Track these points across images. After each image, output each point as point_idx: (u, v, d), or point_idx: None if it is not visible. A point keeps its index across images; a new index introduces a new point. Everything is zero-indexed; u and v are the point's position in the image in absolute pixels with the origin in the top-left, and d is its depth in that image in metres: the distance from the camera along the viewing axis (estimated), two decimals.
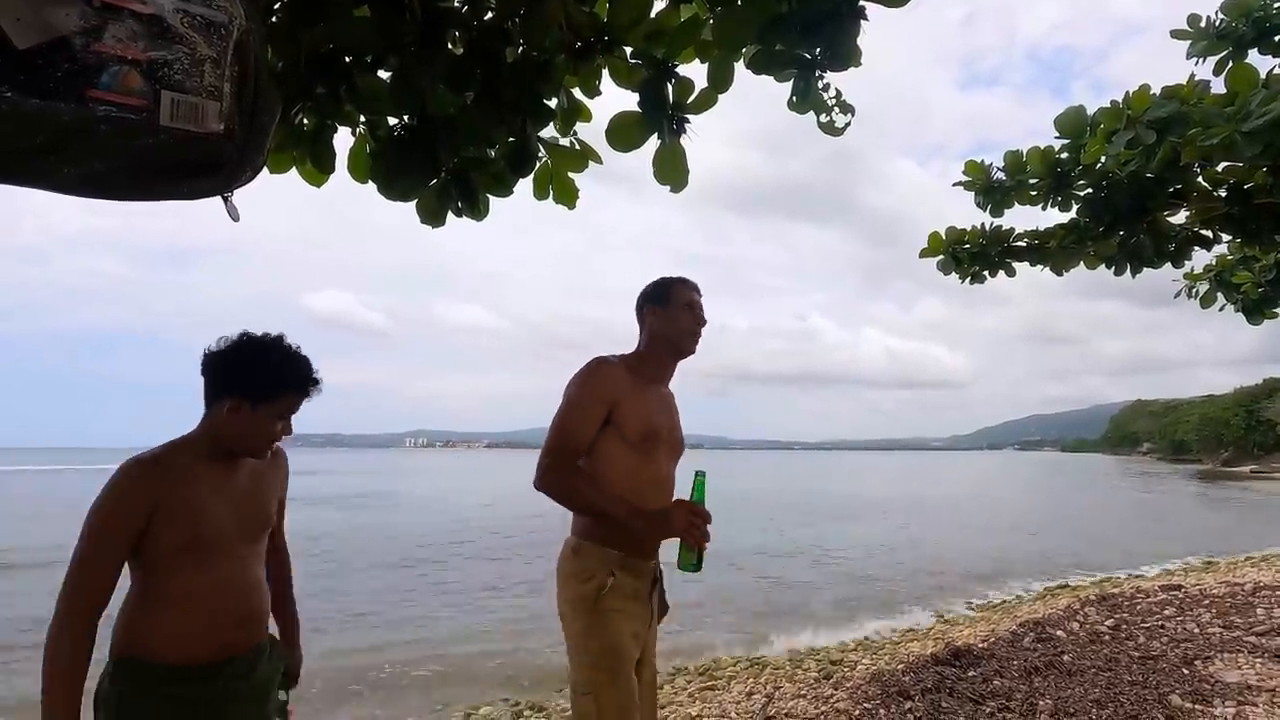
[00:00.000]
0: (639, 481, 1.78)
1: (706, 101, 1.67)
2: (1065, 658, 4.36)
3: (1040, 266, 4.19)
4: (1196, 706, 3.48)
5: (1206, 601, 6.02)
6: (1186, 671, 4.03)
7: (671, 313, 1.90)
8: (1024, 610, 6.54)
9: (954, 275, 4.34)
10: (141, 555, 1.36)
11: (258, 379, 1.40)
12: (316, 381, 1.48)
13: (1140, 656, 4.37)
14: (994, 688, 3.81)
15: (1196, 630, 5.04)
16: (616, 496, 1.71)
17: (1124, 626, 5.23)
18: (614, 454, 1.79)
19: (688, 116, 1.69)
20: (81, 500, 1.39)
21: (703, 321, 1.95)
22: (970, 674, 4.07)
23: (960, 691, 3.73)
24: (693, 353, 1.96)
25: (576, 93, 1.84)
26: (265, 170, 1.78)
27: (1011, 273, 4.27)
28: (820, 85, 1.60)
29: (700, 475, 1.63)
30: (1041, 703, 3.56)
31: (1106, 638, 4.91)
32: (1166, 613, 5.68)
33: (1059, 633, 5.07)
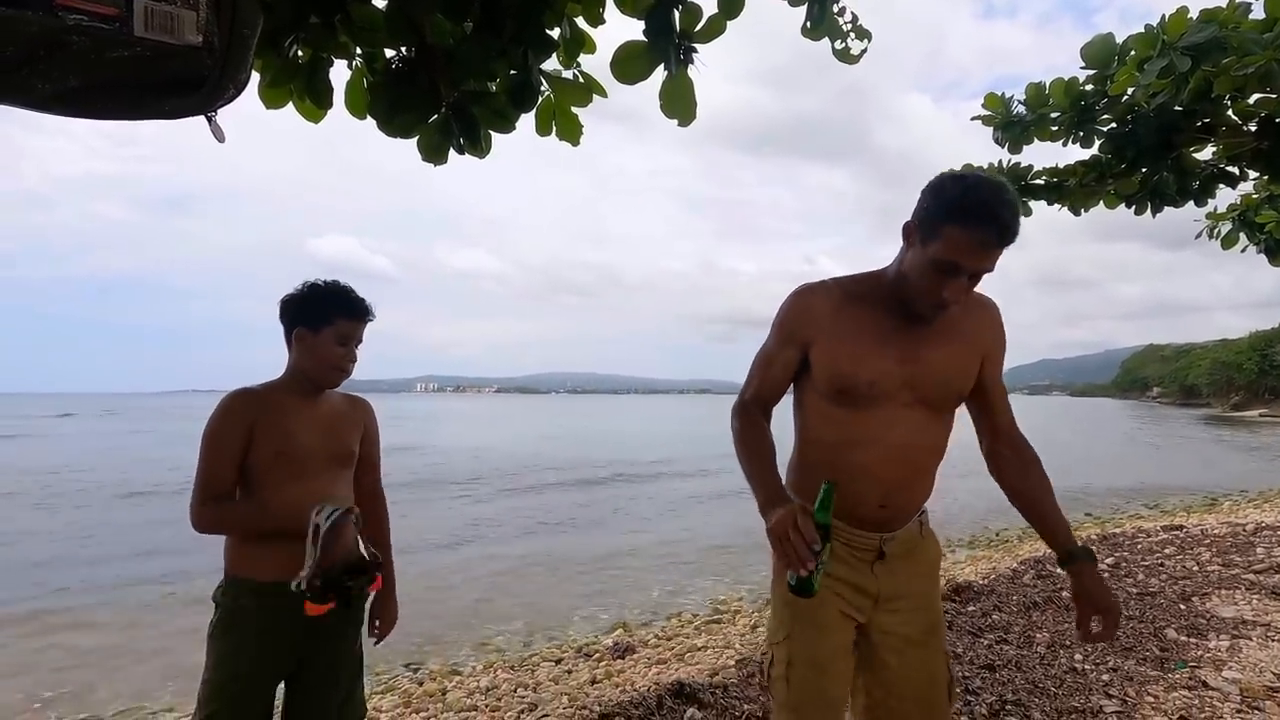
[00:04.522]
0: (843, 444, 1.37)
1: (715, 28, 1.60)
2: (1064, 594, 4.45)
3: (1058, 205, 4.08)
4: (1191, 640, 3.57)
5: (1207, 541, 6.10)
6: (1184, 607, 4.12)
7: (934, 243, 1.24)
8: (1025, 549, 6.65)
9: None
10: (245, 474, 1.60)
11: (311, 307, 1.63)
12: (365, 306, 1.67)
13: (1139, 593, 4.47)
14: (992, 621, 3.92)
15: (1195, 568, 5.12)
16: (763, 471, 1.32)
17: (1124, 564, 5.33)
18: (812, 407, 1.42)
19: (695, 45, 1.62)
20: None
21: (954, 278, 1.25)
22: (970, 608, 4.17)
23: (959, 625, 3.83)
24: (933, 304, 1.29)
25: (580, 22, 1.77)
26: (262, 106, 1.75)
27: (1028, 212, 4.16)
28: (836, 9, 1.53)
29: (828, 486, 1.24)
30: (1038, 635, 3.66)
31: (1106, 575, 5.00)
32: (1167, 551, 5.77)
33: (1059, 570, 5.17)
